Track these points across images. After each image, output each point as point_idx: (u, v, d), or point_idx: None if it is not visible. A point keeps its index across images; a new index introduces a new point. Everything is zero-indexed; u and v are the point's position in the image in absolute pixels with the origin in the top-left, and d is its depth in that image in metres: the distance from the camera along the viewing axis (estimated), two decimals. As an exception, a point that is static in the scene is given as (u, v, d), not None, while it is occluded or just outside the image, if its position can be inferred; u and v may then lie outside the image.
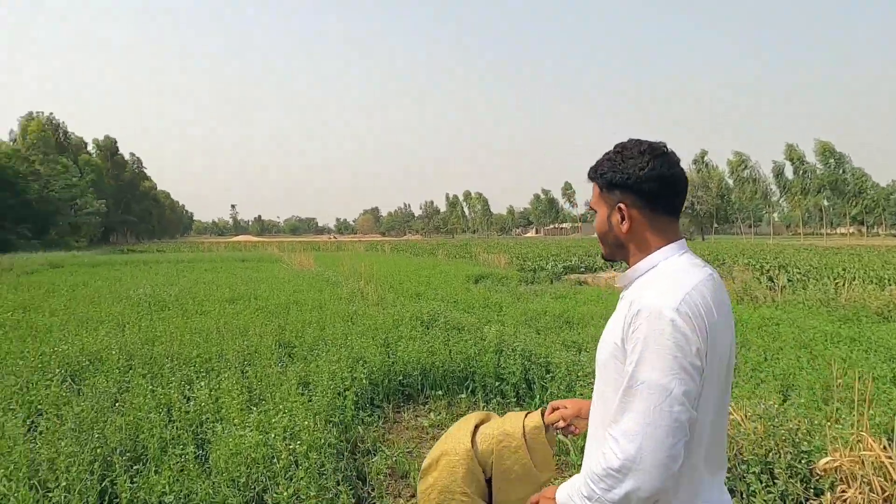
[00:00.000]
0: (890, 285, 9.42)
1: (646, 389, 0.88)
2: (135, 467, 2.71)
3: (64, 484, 2.43)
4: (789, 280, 10.05)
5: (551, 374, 4.20)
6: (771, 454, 2.47)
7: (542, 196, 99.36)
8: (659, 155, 1.05)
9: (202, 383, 3.83)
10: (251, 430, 2.86)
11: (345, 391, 3.88)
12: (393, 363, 4.55)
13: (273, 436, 2.74)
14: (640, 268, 1.06)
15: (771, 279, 11.26)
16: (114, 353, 4.66)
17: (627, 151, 1.07)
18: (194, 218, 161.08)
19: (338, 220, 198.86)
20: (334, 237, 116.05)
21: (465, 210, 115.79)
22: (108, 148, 66.50)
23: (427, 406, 4.31)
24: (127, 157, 73.82)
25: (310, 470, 2.48)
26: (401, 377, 4.48)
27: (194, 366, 4.42)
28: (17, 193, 32.20)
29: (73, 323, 6.38)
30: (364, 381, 4.12)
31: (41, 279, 13.31)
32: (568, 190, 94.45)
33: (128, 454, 2.81)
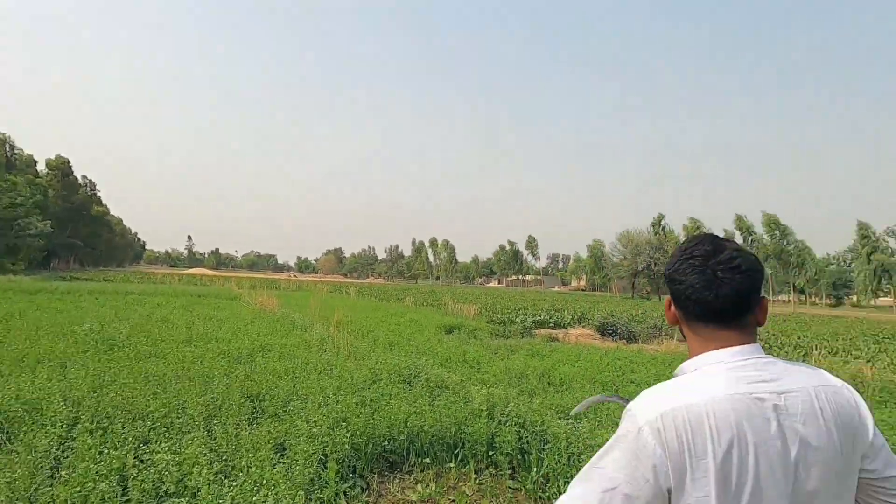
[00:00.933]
0: (847, 357, 9.79)
1: (596, 473, 0.89)
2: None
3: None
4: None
5: (549, 445, 3.95)
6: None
7: (508, 247, 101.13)
8: (685, 255, 0.98)
9: (162, 444, 3.36)
10: (226, 511, 2.45)
11: (326, 459, 3.49)
12: (376, 425, 4.18)
13: (256, 520, 2.35)
14: (683, 368, 0.98)
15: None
16: (55, 401, 4.08)
17: (679, 246, 1.04)
18: (146, 247, 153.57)
19: (298, 258, 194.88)
20: (295, 275, 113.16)
21: (431, 256, 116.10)
22: (60, 168, 63.38)
23: (413, 476, 3.93)
24: (80, 179, 70.58)
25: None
26: (385, 442, 4.10)
27: (151, 421, 3.91)
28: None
29: (7, 362, 5.66)
30: (346, 446, 3.73)
31: (-31, 305, 12.04)
32: (532, 243, 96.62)
33: (72, 538, 2.33)
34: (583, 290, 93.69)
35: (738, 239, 61.46)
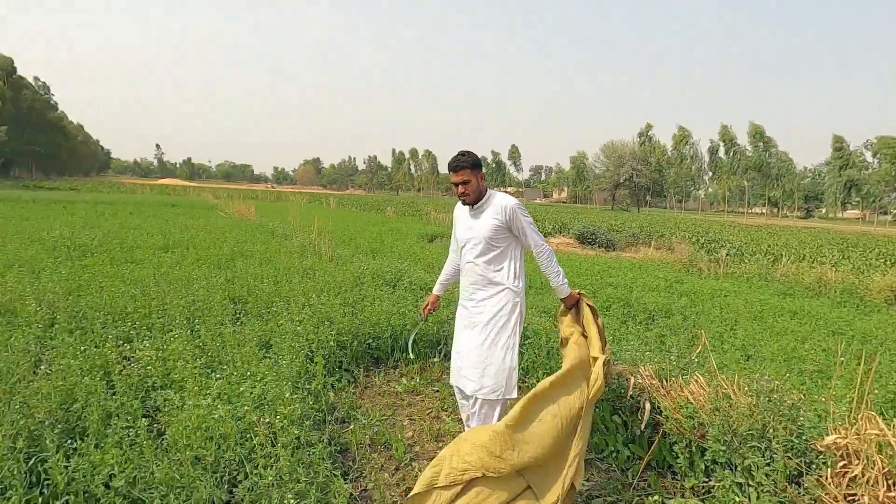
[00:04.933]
0: (813, 263, 10.22)
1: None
2: (70, 444, 2.27)
3: (-22, 466, 1.98)
4: (727, 254, 10.63)
5: (529, 341, 4.08)
6: (769, 430, 2.47)
7: (491, 159, 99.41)
8: None
9: (145, 343, 3.35)
10: (214, 400, 2.48)
11: (312, 355, 3.55)
12: (361, 324, 4.23)
13: (244, 407, 2.38)
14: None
15: (709, 252, 11.90)
16: (30, 304, 3.99)
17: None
18: (112, 156, 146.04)
19: (275, 168, 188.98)
20: (272, 186, 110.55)
21: (412, 167, 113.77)
22: (4, 68, 57.95)
23: (398, 371, 4.07)
24: (30, 80, 64.90)
25: (292, 447, 2.17)
26: (370, 339, 4.19)
27: (132, 321, 3.88)
28: None
29: (-26, 266, 5.46)
30: (332, 343, 3.79)
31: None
32: (514, 154, 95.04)
33: (60, 427, 2.35)
34: (564, 202, 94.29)
35: (721, 150, 61.30)
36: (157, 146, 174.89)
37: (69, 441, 2.29)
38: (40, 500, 1.93)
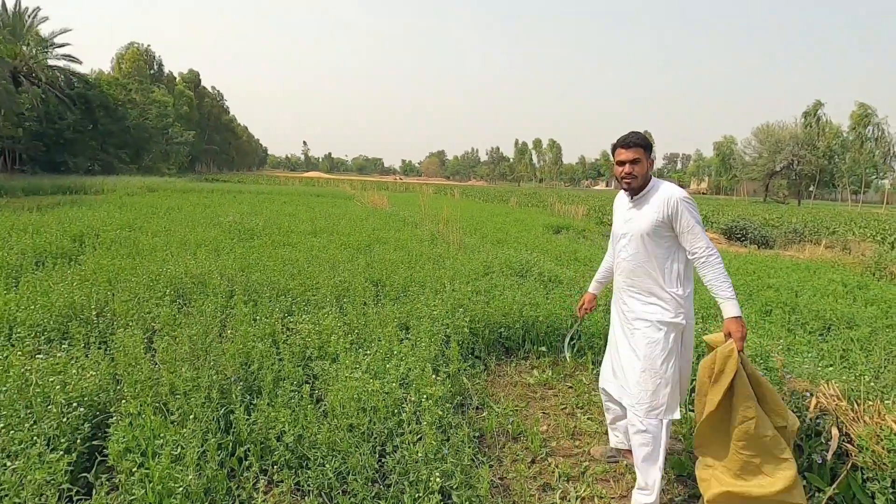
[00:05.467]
0: None
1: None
2: (251, 400, 2.62)
3: (187, 409, 2.37)
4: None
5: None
6: None
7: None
8: None
9: (303, 316, 3.73)
10: (363, 374, 2.67)
11: (448, 338, 3.65)
12: (492, 313, 4.25)
13: (392, 383, 2.53)
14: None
15: (904, 254, 9.78)
16: (215, 277, 4.70)
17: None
18: (268, 152, 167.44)
19: (403, 161, 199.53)
20: (401, 178, 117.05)
21: (534, 158, 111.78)
22: (192, 81, 69.32)
23: (529, 362, 4.01)
24: (210, 89, 76.86)
25: (437, 426, 2.24)
26: (501, 329, 4.18)
27: (291, 297, 4.36)
28: (117, 120, 34.39)
29: (174, 244, 6.61)
30: (465, 329, 3.86)
31: (141, 201, 14.22)
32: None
33: (242, 384, 2.72)
34: (703, 193, 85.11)
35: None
36: (304, 143, 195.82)
37: (249, 397, 2.65)
38: (230, 444, 2.25)
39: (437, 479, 1.92)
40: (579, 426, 3.05)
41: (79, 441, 2.13)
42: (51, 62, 32.50)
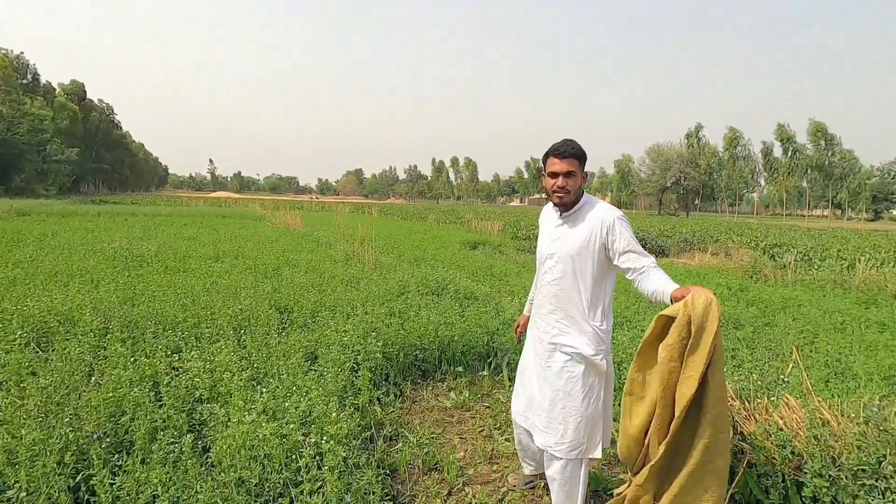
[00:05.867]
0: (894, 267, 9.29)
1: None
2: (117, 459, 2.21)
3: (26, 481, 1.93)
4: (795, 260, 9.85)
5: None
6: (885, 465, 2.10)
7: (530, 165, 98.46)
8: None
9: (192, 353, 3.31)
10: (259, 416, 2.37)
11: (358, 366, 3.42)
12: (407, 335, 4.08)
13: (289, 425, 2.26)
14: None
15: (773, 258, 11.09)
16: (87, 313, 4.07)
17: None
18: (169, 171, 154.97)
19: (320, 179, 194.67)
20: (317, 197, 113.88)
21: (452, 176, 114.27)
22: (76, 93, 62.57)
23: (446, 384, 3.88)
24: (96, 102, 69.86)
25: (339, 470, 2.02)
26: (416, 351, 4.02)
27: (181, 331, 3.88)
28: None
29: (41, 276, 5.71)
30: (378, 354, 3.65)
31: (5, 227, 12.33)
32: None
33: (108, 440, 2.30)
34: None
35: (778, 150, 57.74)
36: (210, 161, 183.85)
37: (116, 456, 2.24)
38: (84, 520, 1.86)
39: (339, 534, 1.70)
40: (497, 448, 2.96)
41: None
42: None
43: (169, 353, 3.40)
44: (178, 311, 4.31)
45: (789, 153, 55.90)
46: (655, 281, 1.86)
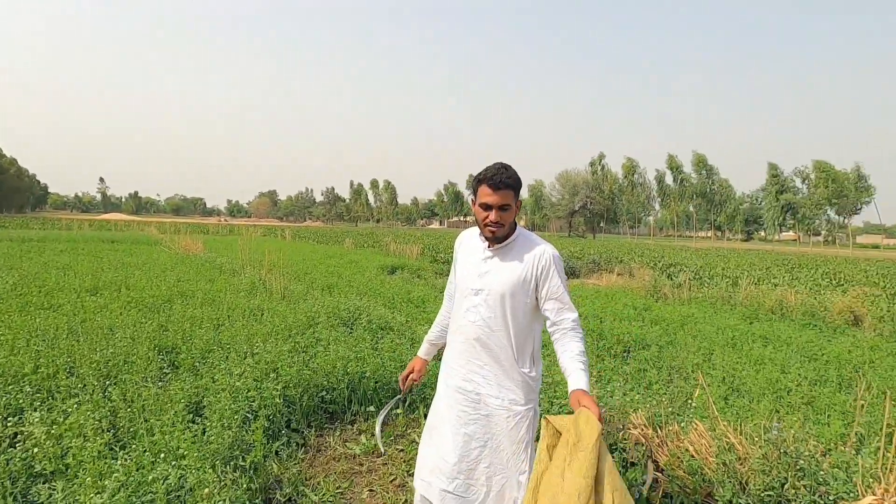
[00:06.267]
0: (767, 284, 10.43)
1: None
2: None
3: None
4: (687, 279, 10.71)
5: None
6: (787, 489, 2.14)
7: (449, 188, 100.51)
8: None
9: (36, 414, 2.70)
10: (114, 495, 1.92)
11: (253, 415, 3.00)
12: (313, 373, 3.71)
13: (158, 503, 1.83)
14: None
15: (669, 277, 11.99)
16: None
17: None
18: (50, 190, 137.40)
19: (229, 201, 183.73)
20: (226, 220, 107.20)
21: (371, 198, 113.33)
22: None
23: (356, 426, 3.55)
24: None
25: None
26: (323, 391, 3.66)
27: (28, 385, 3.20)
28: None
29: None
30: (277, 399, 3.25)
31: None
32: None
33: None
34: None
35: (669, 177, 64.52)
36: (101, 180, 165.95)
37: None
38: None
39: None
40: (411, 499, 2.68)
41: None
42: None
43: (5, 416, 2.76)
44: (27, 359, 3.58)
45: (678, 181, 62.77)
46: (567, 358, 1.67)
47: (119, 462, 2.24)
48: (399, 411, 3.69)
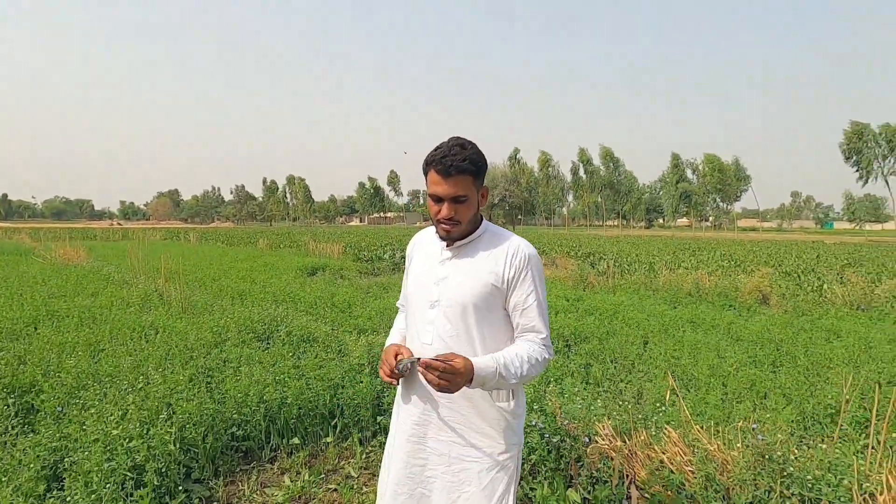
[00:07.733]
0: (678, 268, 11.04)
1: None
2: None
3: None
4: (610, 267, 11.05)
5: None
6: (773, 499, 1.94)
7: (368, 184, 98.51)
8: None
9: None
10: None
11: (138, 473, 2.33)
12: (219, 406, 3.05)
13: None
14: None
15: (592, 265, 12.33)
16: None
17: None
18: None
19: (123, 203, 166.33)
20: (118, 223, 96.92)
21: (288, 196, 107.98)
22: None
23: (277, 465, 2.96)
24: None
25: None
26: (233, 426, 3.02)
27: None
28: None
29: None
30: (171, 445, 2.58)
31: None
32: (394, 179, 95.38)
33: None
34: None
35: (581, 170, 68.36)
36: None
37: None
38: None
39: None
40: (350, 557, 2.19)
41: None
42: None
43: None
44: None
45: (589, 173, 66.61)
46: (520, 365, 1.29)
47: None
48: (329, 440, 3.15)
